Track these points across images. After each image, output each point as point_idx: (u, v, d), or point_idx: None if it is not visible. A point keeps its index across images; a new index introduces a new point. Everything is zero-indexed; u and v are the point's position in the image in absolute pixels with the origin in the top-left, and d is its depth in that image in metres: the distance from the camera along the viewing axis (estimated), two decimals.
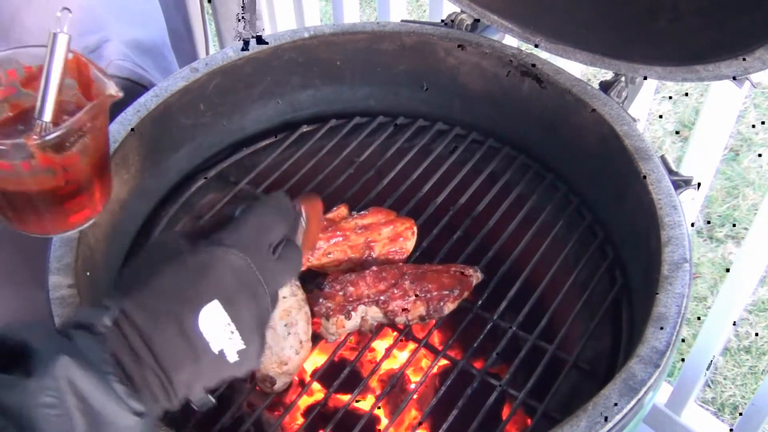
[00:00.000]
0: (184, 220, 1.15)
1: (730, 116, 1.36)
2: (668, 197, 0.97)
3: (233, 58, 1.16)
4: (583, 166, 1.14)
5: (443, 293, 0.97)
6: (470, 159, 1.19)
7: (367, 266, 1.00)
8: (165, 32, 1.38)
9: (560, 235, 1.10)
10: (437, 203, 1.13)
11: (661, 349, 0.82)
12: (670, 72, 1.00)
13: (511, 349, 0.97)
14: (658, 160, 1.01)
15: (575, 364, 0.95)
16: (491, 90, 1.21)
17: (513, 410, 0.90)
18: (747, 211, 2.31)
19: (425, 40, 1.20)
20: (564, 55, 1.12)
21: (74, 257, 0.92)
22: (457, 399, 0.90)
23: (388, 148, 1.22)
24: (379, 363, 0.99)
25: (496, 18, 1.17)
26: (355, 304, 0.95)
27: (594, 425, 0.76)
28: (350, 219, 1.05)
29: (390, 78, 1.26)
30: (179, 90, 1.12)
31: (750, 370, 1.98)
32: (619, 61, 1.06)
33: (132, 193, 1.09)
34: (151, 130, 1.10)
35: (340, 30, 1.21)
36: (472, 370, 0.95)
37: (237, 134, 1.25)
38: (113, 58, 1.16)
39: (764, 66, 0.87)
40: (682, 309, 0.86)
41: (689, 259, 0.91)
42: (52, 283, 0.89)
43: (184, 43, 1.72)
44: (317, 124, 1.27)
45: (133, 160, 1.08)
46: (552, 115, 1.15)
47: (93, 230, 0.98)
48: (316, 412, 0.93)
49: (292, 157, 1.21)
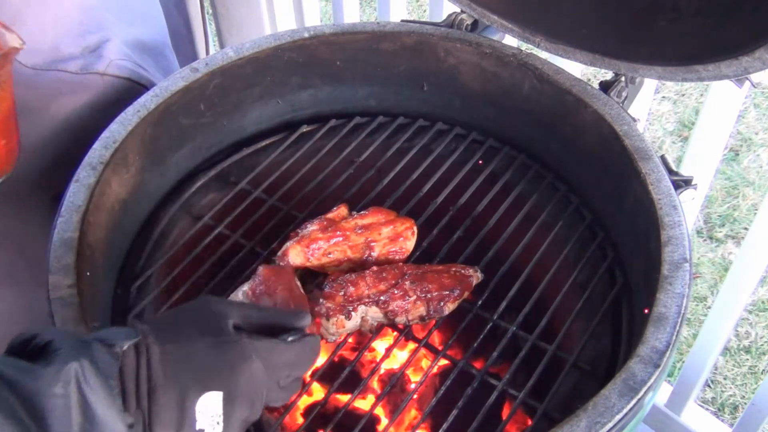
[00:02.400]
0: (184, 220, 1.15)
1: (730, 116, 1.36)
2: (668, 197, 0.97)
3: (233, 58, 1.16)
4: (583, 166, 1.14)
5: (443, 293, 0.97)
6: (470, 159, 1.19)
7: (367, 266, 1.00)
8: (165, 32, 1.38)
9: (560, 235, 1.10)
10: (437, 203, 1.13)
11: (661, 349, 0.82)
12: (670, 72, 1.00)
13: (511, 349, 0.98)
14: (658, 160, 1.01)
15: (575, 364, 0.95)
16: (491, 90, 1.21)
17: (513, 410, 0.90)
18: (747, 211, 2.31)
19: (425, 40, 1.20)
20: (564, 55, 1.12)
21: (74, 257, 0.92)
22: (457, 399, 0.90)
23: (388, 148, 1.22)
24: (379, 363, 0.99)
25: (496, 18, 1.17)
26: (355, 304, 0.95)
27: (594, 425, 0.76)
28: (350, 219, 1.05)
29: (390, 78, 1.26)
30: (179, 90, 1.12)
31: (750, 370, 1.98)
32: (619, 61, 1.06)
33: (132, 193, 1.09)
34: (151, 130, 1.10)
35: (340, 30, 1.21)
36: (472, 370, 0.95)
37: (237, 134, 1.25)
38: (114, 57, 1.16)
39: (764, 66, 0.87)
40: (682, 309, 0.86)
41: (689, 259, 0.91)
42: (52, 283, 0.89)
43: (184, 43, 1.72)
44: (317, 124, 1.27)
45: (133, 160, 1.08)
46: (552, 115, 1.15)
47: (93, 230, 0.99)
48: (316, 412, 0.93)
49: (292, 157, 1.21)
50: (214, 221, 1.12)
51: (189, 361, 0.67)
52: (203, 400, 0.66)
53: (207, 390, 0.66)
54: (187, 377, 0.66)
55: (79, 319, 0.86)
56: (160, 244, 1.12)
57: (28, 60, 1.06)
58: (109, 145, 1.04)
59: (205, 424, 0.67)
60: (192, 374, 0.66)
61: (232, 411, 0.68)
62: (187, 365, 0.67)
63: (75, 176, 1.00)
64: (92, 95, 1.15)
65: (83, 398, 0.58)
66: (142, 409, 0.64)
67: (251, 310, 0.77)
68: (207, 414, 0.66)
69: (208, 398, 0.66)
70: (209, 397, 0.66)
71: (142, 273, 1.06)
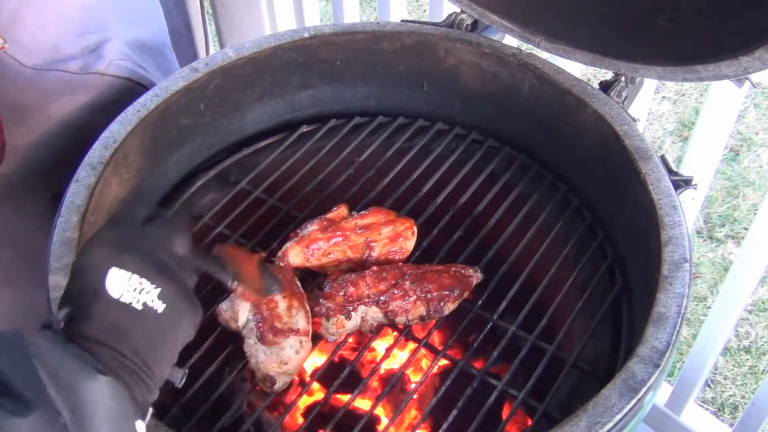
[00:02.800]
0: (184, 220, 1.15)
1: (730, 116, 1.36)
2: (668, 197, 0.97)
3: (233, 58, 1.16)
4: (583, 166, 1.14)
5: (443, 293, 0.97)
6: (470, 159, 1.19)
7: (367, 266, 1.00)
8: (165, 32, 1.38)
9: (560, 235, 1.10)
10: (437, 203, 1.13)
11: (661, 349, 0.82)
12: (670, 72, 1.00)
13: (511, 349, 0.97)
14: (658, 160, 1.01)
15: (575, 364, 0.95)
16: (491, 90, 1.21)
17: (513, 410, 0.90)
18: (747, 211, 2.31)
19: (425, 40, 1.20)
20: (564, 55, 1.12)
21: (74, 257, 0.92)
22: (457, 399, 0.90)
23: (388, 148, 1.22)
24: (379, 363, 0.99)
25: (496, 18, 1.17)
26: (355, 304, 0.95)
27: (594, 425, 0.76)
28: (350, 219, 1.05)
29: (390, 78, 1.26)
30: (179, 90, 1.12)
31: (750, 370, 1.98)
32: (619, 61, 1.06)
33: (132, 193, 1.09)
34: (151, 130, 1.10)
35: (340, 30, 1.21)
36: (472, 370, 0.95)
37: (237, 134, 1.25)
38: (113, 57, 1.16)
39: (764, 66, 0.87)
40: (682, 309, 0.86)
41: (689, 259, 0.91)
42: (52, 283, 0.89)
43: (184, 43, 1.72)
44: (317, 124, 1.27)
45: (133, 160, 1.08)
46: (552, 115, 1.15)
47: (93, 230, 0.98)
48: (316, 412, 0.93)
49: (292, 157, 1.21)
50: (214, 221, 1.12)
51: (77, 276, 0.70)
52: (110, 287, 0.67)
53: (101, 280, 0.67)
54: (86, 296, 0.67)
55: None
56: None
57: (28, 60, 1.06)
58: (109, 145, 1.04)
59: (133, 295, 0.67)
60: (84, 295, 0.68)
61: (129, 264, 0.68)
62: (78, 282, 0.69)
63: (75, 176, 1.00)
64: (92, 95, 1.15)
65: (53, 373, 0.58)
66: (107, 345, 0.65)
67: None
68: (123, 287, 0.67)
69: (110, 281, 0.67)
70: (110, 280, 0.67)
71: None
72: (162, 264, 0.71)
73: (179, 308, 0.70)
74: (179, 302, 0.70)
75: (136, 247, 0.71)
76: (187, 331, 0.72)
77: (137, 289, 0.67)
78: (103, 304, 0.66)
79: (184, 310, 0.71)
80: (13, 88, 1.06)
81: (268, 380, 0.91)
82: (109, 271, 0.67)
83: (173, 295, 0.69)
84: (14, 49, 1.03)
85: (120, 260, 0.68)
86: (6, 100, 1.05)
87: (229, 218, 1.11)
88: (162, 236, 0.75)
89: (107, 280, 0.67)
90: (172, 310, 0.69)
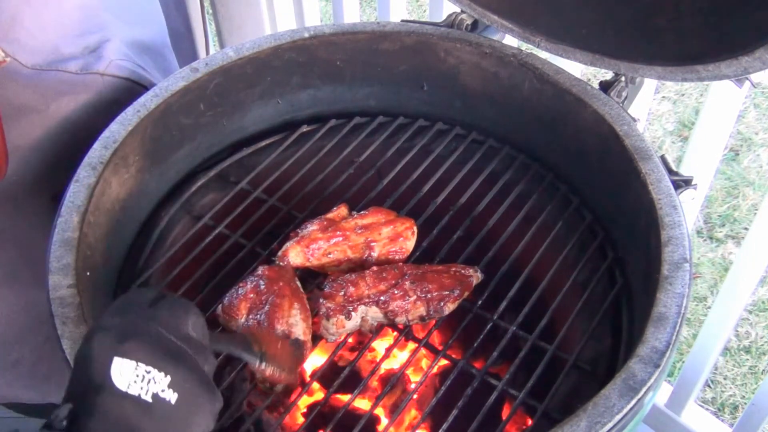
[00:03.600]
0: (184, 220, 1.15)
1: (730, 116, 1.36)
2: (668, 197, 0.97)
3: (233, 58, 1.16)
4: (583, 166, 1.14)
5: (443, 293, 0.97)
6: (470, 159, 1.19)
7: (367, 266, 1.00)
8: (165, 32, 1.38)
9: (560, 235, 1.10)
10: (437, 203, 1.13)
11: (661, 349, 0.82)
12: (670, 72, 1.00)
13: (511, 349, 0.97)
14: (658, 160, 1.01)
15: (575, 364, 0.95)
16: (491, 90, 1.21)
17: (513, 410, 0.90)
18: (747, 211, 2.31)
19: (425, 40, 1.20)
20: (564, 55, 1.12)
21: (74, 257, 0.92)
22: (457, 399, 0.90)
23: (388, 148, 1.22)
24: (379, 363, 0.99)
25: (496, 18, 1.17)
26: (356, 304, 0.95)
27: (594, 425, 0.76)
28: (350, 219, 1.05)
29: (390, 78, 1.26)
30: (179, 90, 1.12)
31: (750, 370, 1.98)
32: (619, 61, 1.06)
33: (132, 193, 1.09)
34: (151, 130, 1.10)
35: (340, 30, 1.21)
36: (472, 370, 0.95)
37: (237, 134, 1.25)
38: (113, 57, 1.16)
39: (764, 66, 0.87)
40: (682, 309, 0.86)
41: (689, 259, 0.91)
42: (52, 283, 0.89)
43: (184, 43, 1.72)
44: (317, 124, 1.27)
45: (133, 160, 1.08)
46: (552, 115, 1.15)
47: (93, 230, 0.99)
48: (316, 412, 0.93)
49: (292, 157, 1.21)
50: (214, 221, 1.12)
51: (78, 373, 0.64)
52: (116, 378, 0.62)
53: (108, 369, 0.62)
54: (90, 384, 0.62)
55: (79, 319, 0.86)
56: (160, 244, 1.12)
57: (28, 60, 1.06)
58: (109, 145, 1.04)
59: (141, 386, 0.62)
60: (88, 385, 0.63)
61: (134, 352, 0.63)
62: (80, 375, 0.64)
63: (75, 176, 1.00)
64: (92, 95, 1.15)
65: None
66: None
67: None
68: (131, 378, 0.62)
69: (116, 371, 0.62)
70: (116, 369, 0.62)
71: (142, 273, 1.06)
72: (172, 349, 0.65)
73: (194, 397, 0.65)
74: (194, 390, 0.65)
75: (143, 333, 0.65)
76: (205, 422, 0.66)
77: (145, 379, 0.62)
78: (107, 397, 0.61)
79: (200, 399, 0.65)
80: (13, 88, 1.06)
81: (268, 380, 0.91)
82: (113, 360, 0.62)
83: (187, 383, 0.64)
84: (14, 49, 1.03)
85: (124, 348, 0.63)
86: (6, 100, 1.05)
87: (229, 218, 1.11)
88: (171, 318, 0.68)
89: (112, 371, 0.62)
90: (186, 399, 0.64)
